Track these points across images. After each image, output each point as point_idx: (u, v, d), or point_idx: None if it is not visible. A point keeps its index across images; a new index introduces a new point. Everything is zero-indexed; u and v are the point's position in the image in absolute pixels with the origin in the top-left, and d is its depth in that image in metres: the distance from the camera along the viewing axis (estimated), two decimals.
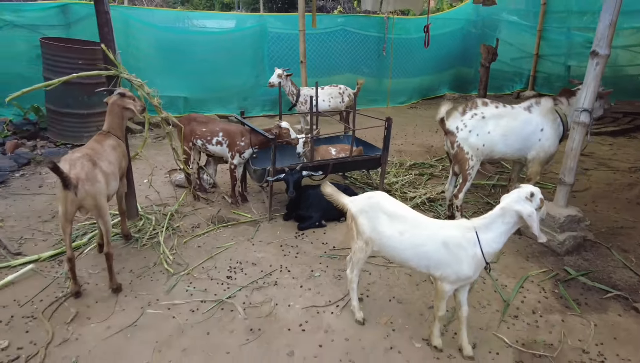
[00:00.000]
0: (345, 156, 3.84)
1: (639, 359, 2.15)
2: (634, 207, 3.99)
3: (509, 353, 2.17)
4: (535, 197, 1.82)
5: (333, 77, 8.15)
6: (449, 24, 9.44)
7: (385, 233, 2.05)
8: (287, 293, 2.62)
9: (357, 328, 2.32)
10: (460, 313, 2.08)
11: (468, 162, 3.21)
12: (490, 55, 4.82)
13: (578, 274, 2.88)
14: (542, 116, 3.23)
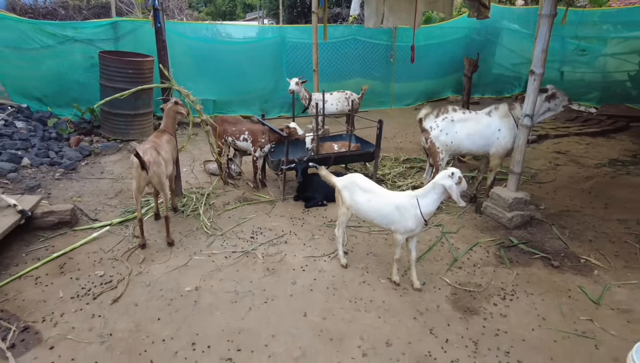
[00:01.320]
0: (344, 151, 4.77)
1: (539, 293, 3.01)
2: (585, 196, 4.79)
3: (448, 289, 3.07)
4: (455, 175, 2.71)
5: (345, 81, 9.08)
6: (454, 32, 10.22)
7: (359, 201, 2.98)
8: (294, 248, 3.57)
9: (341, 270, 3.26)
10: (410, 257, 2.99)
11: (439, 155, 4.10)
12: (472, 67, 5.65)
13: (519, 242, 3.73)
14: (500, 119, 4.09)
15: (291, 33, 8.64)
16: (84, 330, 2.63)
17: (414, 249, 2.98)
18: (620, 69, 8.30)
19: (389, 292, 3.02)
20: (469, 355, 2.46)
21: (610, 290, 3.10)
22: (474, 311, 2.83)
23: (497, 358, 2.43)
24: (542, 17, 3.62)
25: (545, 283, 3.18)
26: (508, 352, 2.48)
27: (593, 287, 3.14)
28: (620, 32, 8.41)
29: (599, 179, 5.24)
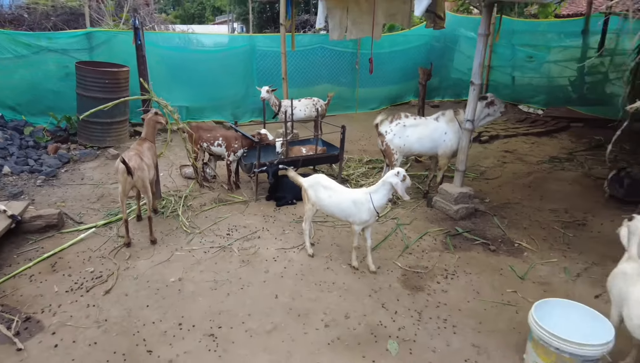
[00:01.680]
0: (312, 154, 5.23)
1: (476, 272, 3.56)
2: (525, 189, 5.42)
3: (400, 271, 3.57)
4: (400, 174, 3.21)
5: (313, 87, 9.56)
6: (416, 39, 10.86)
7: (322, 197, 3.46)
8: (266, 242, 4.00)
9: (309, 259, 3.71)
10: (366, 244, 3.48)
11: (394, 156, 4.63)
12: (426, 76, 6.23)
13: (463, 231, 4.28)
14: (446, 124, 4.65)
15: (261, 41, 9.07)
16: (81, 317, 2.99)
17: (369, 238, 3.48)
18: (562, 74, 9.10)
19: (349, 275, 3.50)
20: (414, 323, 2.96)
21: (535, 267, 3.68)
22: (420, 289, 3.34)
23: (437, 324, 2.94)
24: (479, 36, 4.17)
25: (483, 264, 3.73)
26: (446, 319, 2.99)
27: (522, 266, 3.71)
28: (562, 41, 9.23)
29: (538, 174, 5.90)
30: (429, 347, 2.73)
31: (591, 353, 2.20)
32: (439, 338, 2.81)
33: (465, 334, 2.85)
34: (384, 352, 2.70)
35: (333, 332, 2.86)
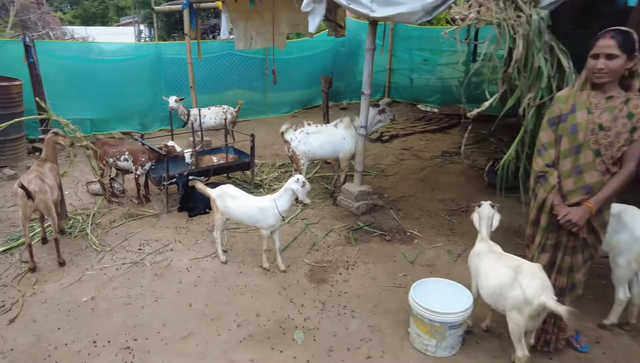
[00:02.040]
0: (222, 162, 5.41)
1: (373, 261, 4.02)
2: (418, 183, 6.08)
3: (307, 268, 3.92)
4: (300, 180, 3.55)
5: (225, 93, 9.66)
6: (323, 44, 11.35)
7: (230, 206, 3.69)
8: (179, 254, 4.14)
9: (222, 266, 3.93)
10: (274, 247, 3.78)
11: (300, 161, 4.99)
12: (327, 84, 6.69)
13: (363, 225, 4.75)
14: (344, 130, 5.10)
15: (168, 49, 8.98)
16: None
17: (277, 240, 3.78)
18: (452, 76, 10.15)
19: (261, 277, 3.78)
20: (318, 312, 3.31)
21: (424, 252, 4.24)
22: (324, 281, 3.71)
23: (338, 311, 3.33)
24: (367, 50, 4.65)
25: (379, 253, 4.21)
26: (345, 306, 3.39)
27: (412, 252, 4.24)
28: (452, 45, 10.25)
29: (430, 168, 6.62)
30: (331, 332, 3.10)
31: (454, 320, 2.71)
32: (340, 324, 3.19)
33: (362, 317, 3.26)
34: (291, 342, 3.01)
35: (245, 330, 3.12)
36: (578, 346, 2.93)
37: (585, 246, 2.57)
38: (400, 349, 2.95)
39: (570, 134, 2.43)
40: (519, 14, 2.99)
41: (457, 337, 2.83)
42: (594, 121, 2.35)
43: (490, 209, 2.92)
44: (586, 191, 2.43)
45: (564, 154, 2.47)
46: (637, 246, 2.83)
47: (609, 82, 2.33)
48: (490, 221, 2.88)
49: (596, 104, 2.37)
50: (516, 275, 2.48)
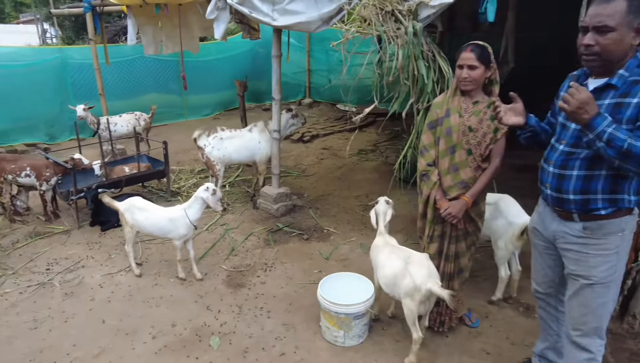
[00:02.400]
0: (135, 172, 5.27)
1: (291, 261, 4.18)
2: (337, 182, 6.34)
3: (225, 274, 3.98)
4: (209, 189, 3.61)
5: (140, 97, 9.32)
6: (241, 45, 11.30)
7: (139, 219, 3.65)
8: (91, 270, 4.01)
9: (137, 279, 3.87)
10: (190, 256, 3.80)
11: (215, 167, 5.01)
12: (242, 88, 6.74)
13: (283, 226, 4.89)
14: (259, 134, 5.20)
15: (75, 53, 8.48)
16: None
17: (191, 249, 3.80)
18: (367, 76, 10.58)
19: (177, 287, 3.78)
20: (234, 317, 3.40)
21: (338, 247, 4.47)
22: (242, 285, 3.80)
23: (254, 313, 3.44)
24: (273, 57, 4.78)
25: (297, 253, 4.37)
26: (262, 307, 3.51)
27: (328, 248, 4.45)
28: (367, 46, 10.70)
29: (348, 167, 6.92)
30: (247, 334, 3.20)
31: (357, 310, 2.93)
32: (256, 325, 3.30)
33: (277, 316, 3.40)
34: (208, 348, 3.08)
35: (160, 342, 3.13)
36: (469, 323, 3.30)
37: (466, 235, 2.91)
38: (312, 343, 3.12)
39: (446, 136, 2.74)
40: (398, 27, 3.28)
41: (363, 326, 3.06)
42: (464, 124, 2.67)
43: (385, 206, 3.18)
44: (462, 186, 2.75)
45: (442, 154, 2.77)
46: (512, 229, 3.24)
47: (474, 89, 2.66)
48: (384, 216, 3.13)
49: (465, 109, 2.69)
50: (406, 265, 2.74)
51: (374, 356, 3.01)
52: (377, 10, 3.40)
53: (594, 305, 2.14)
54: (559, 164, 2.11)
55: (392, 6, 3.36)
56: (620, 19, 1.82)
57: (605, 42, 1.87)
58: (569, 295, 2.24)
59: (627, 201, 2.02)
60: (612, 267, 2.07)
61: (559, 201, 2.15)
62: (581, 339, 2.22)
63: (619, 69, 1.93)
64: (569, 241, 2.17)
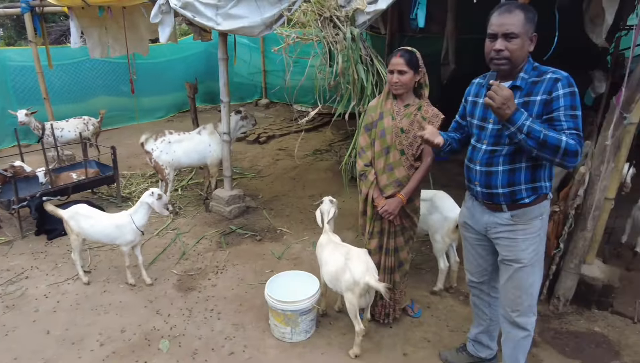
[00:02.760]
0: (82, 178, 5.16)
1: (243, 262, 4.24)
2: (291, 182, 6.43)
3: (176, 278, 3.99)
4: (154, 193, 3.61)
5: (89, 101, 9.06)
6: (194, 47, 11.16)
7: (85, 226, 3.61)
8: (36, 281, 3.91)
9: (85, 287, 3.81)
10: (138, 261, 3.79)
11: (164, 171, 4.99)
12: (192, 90, 6.71)
13: (236, 228, 4.93)
14: (208, 136, 5.21)
15: (15, 55, 8.11)
16: None
17: (139, 255, 3.79)
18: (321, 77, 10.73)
19: (126, 293, 3.76)
20: (184, 320, 3.43)
21: (290, 247, 4.56)
22: (192, 289, 3.83)
23: (204, 316, 3.48)
24: (220, 60, 4.80)
25: (249, 254, 4.43)
26: (212, 309, 3.55)
27: (280, 248, 4.54)
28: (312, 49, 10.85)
29: (302, 167, 7.03)
30: (196, 336, 3.24)
31: (303, 307, 3.04)
32: (205, 327, 3.35)
33: (227, 317, 3.46)
34: (157, 351, 3.10)
35: (108, 348, 3.12)
36: (412, 313, 3.48)
37: (404, 230, 3.08)
38: (261, 341, 3.21)
39: (380, 138, 2.89)
40: (337, 32, 3.42)
41: (310, 322, 3.18)
42: (396, 126, 2.83)
43: (329, 205, 3.30)
44: (397, 184, 2.91)
45: (378, 155, 2.92)
46: (447, 223, 3.45)
47: (405, 93, 2.82)
48: (328, 215, 3.26)
49: (397, 111, 2.85)
50: (346, 260, 2.88)
51: (321, 350, 3.14)
52: (316, 16, 3.51)
53: (526, 285, 2.37)
54: (485, 162, 2.30)
55: (330, 12, 3.49)
56: (521, 27, 2.04)
57: (513, 47, 2.08)
58: (504, 280, 2.45)
59: (544, 187, 2.26)
60: (536, 249, 2.32)
61: (489, 195, 2.34)
62: (520, 319, 2.44)
63: (520, 73, 2.18)
64: (500, 231, 2.38)
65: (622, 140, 3.22)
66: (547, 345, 3.21)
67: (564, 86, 2.05)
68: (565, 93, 2.04)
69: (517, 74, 2.17)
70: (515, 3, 2.15)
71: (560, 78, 2.07)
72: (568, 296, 3.56)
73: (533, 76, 2.14)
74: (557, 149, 1.96)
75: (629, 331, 3.36)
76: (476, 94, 2.42)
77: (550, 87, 2.07)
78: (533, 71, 2.15)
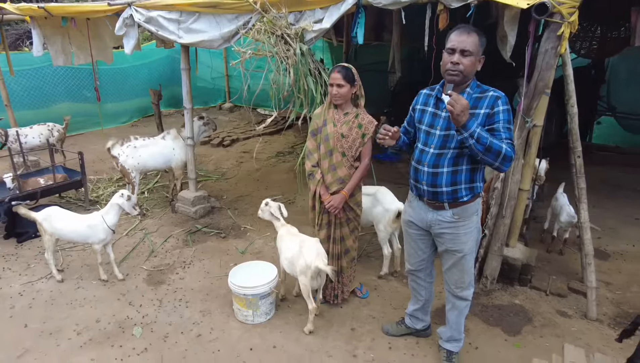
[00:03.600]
0: (50, 183, 5.37)
1: (209, 258, 4.60)
2: (255, 183, 6.82)
3: (146, 273, 4.31)
4: (124, 195, 3.94)
5: (51, 107, 9.13)
6: (158, 52, 11.32)
7: (58, 227, 3.89)
8: (9, 280, 4.13)
9: (59, 285, 4.08)
10: (110, 259, 4.10)
11: (130, 175, 5.28)
12: (157, 96, 6.99)
13: (202, 227, 5.28)
14: (173, 141, 5.54)
15: None
16: None
17: (111, 252, 4.10)
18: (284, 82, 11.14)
19: (100, 288, 4.06)
20: (155, 309, 3.77)
21: (253, 243, 4.96)
22: (162, 282, 4.17)
23: (174, 305, 3.83)
24: (182, 70, 5.14)
25: (215, 250, 4.80)
26: (181, 299, 3.91)
27: (244, 244, 4.93)
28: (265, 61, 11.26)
29: (266, 168, 7.43)
30: (167, 322, 3.60)
31: (262, 291, 3.46)
32: (175, 314, 3.71)
33: (195, 306, 3.83)
34: (131, 337, 3.43)
35: (85, 336, 3.43)
36: (360, 295, 3.96)
37: (348, 221, 3.55)
38: (226, 324, 3.60)
39: (324, 142, 3.35)
40: (288, 48, 3.86)
41: (269, 305, 3.59)
42: (337, 131, 3.30)
43: (275, 204, 3.74)
44: (340, 182, 3.38)
45: (323, 157, 3.38)
46: (388, 215, 3.95)
47: (344, 103, 3.29)
48: (280, 211, 3.68)
49: (338, 119, 3.32)
50: (301, 248, 3.32)
51: (280, 329, 3.56)
52: (269, 34, 3.93)
53: (467, 267, 2.87)
54: (432, 164, 2.62)
55: (281, 31, 3.91)
56: (475, 47, 2.46)
57: (467, 62, 2.47)
58: (449, 266, 2.91)
59: (479, 187, 2.72)
60: (474, 239, 2.81)
61: (434, 194, 2.66)
62: (462, 292, 2.94)
63: (467, 88, 2.58)
64: (443, 227, 2.75)
65: (531, 139, 3.81)
66: (475, 317, 3.75)
67: (503, 103, 2.45)
68: (504, 109, 2.45)
69: (464, 90, 2.56)
70: (472, 27, 2.51)
71: (500, 97, 2.47)
72: (494, 275, 4.12)
73: (477, 93, 2.51)
74: (499, 154, 2.32)
75: (542, 302, 3.96)
76: (424, 103, 2.74)
77: (492, 103, 2.45)
78: (477, 88, 2.54)
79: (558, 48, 3.27)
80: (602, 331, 3.55)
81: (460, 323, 3.06)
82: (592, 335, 3.51)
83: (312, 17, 3.94)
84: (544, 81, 3.41)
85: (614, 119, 8.21)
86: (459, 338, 3.10)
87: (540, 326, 3.62)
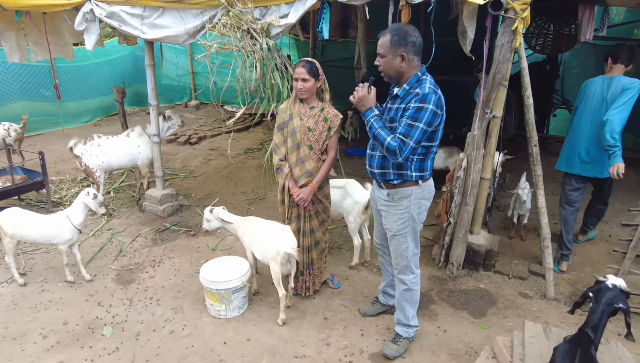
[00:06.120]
0: (9, 185, 5.17)
1: (179, 255, 4.56)
2: (224, 180, 6.78)
3: (114, 273, 4.23)
4: (90, 193, 3.86)
5: (7, 106, 8.76)
6: (120, 49, 11.03)
7: (19, 228, 3.77)
8: None
9: (21, 289, 3.94)
10: (77, 259, 4.00)
11: (95, 174, 5.15)
12: (120, 94, 6.83)
13: (170, 226, 5.22)
14: (137, 138, 5.43)
15: None
16: None
17: (77, 253, 4.00)
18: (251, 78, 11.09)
19: (67, 290, 3.96)
20: (126, 308, 3.72)
21: (224, 239, 4.94)
22: (131, 281, 4.11)
23: (145, 303, 3.79)
24: (147, 66, 5.06)
25: (185, 248, 4.76)
26: (152, 297, 3.87)
27: (215, 241, 4.91)
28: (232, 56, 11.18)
29: (235, 165, 7.39)
30: (138, 321, 3.56)
31: (234, 285, 3.47)
32: (146, 312, 3.67)
33: (166, 303, 3.80)
34: (101, 337, 3.38)
35: (52, 339, 3.35)
36: (332, 285, 4.03)
37: (317, 213, 3.61)
38: (199, 320, 3.60)
39: (291, 136, 3.39)
40: (254, 43, 3.88)
41: (242, 299, 3.61)
42: (304, 125, 3.35)
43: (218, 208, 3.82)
44: (308, 175, 3.43)
45: (290, 150, 3.43)
46: (357, 206, 4.04)
47: (309, 97, 3.34)
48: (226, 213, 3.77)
49: (304, 113, 3.37)
50: (271, 236, 3.37)
51: (253, 322, 3.59)
52: (235, 28, 3.93)
53: (399, 249, 2.98)
54: (370, 148, 2.91)
55: (247, 25, 3.92)
56: (387, 48, 2.60)
57: (383, 64, 2.67)
58: (388, 243, 3.09)
59: (410, 175, 2.82)
60: (404, 222, 2.91)
61: (372, 174, 2.94)
62: (399, 275, 3.08)
63: (404, 84, 2.70)
64: (382, 204, 2.99)
65: (491, 130, 3.98)
66: (443, 302, 3.90)
67: (416, 100, 2.53)
68: (414, 106, 2.55)
69: (402, 85, 2.70)
70: (389, 27, 2.67)
71: (420, 94, 2.53)
72: (460, 261, 4.29)
73: (413, 88, 2.60)
74: (382, 145, 2.61)
75: (505, 285, 4.15)
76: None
77: (411, 98, 2.59)
78: (416, 83, 2.61)
79: (513, 42, 3.44)
80: (559, 309, 3.76)
81: (404, 307, 3.13)
82: (550, 313, 3.72)
83: (278, 12, 3.96)
84: (502, 73, 3.57)
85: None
86: (406, 323, 3.15)
87: (504, 307, 3.81)
